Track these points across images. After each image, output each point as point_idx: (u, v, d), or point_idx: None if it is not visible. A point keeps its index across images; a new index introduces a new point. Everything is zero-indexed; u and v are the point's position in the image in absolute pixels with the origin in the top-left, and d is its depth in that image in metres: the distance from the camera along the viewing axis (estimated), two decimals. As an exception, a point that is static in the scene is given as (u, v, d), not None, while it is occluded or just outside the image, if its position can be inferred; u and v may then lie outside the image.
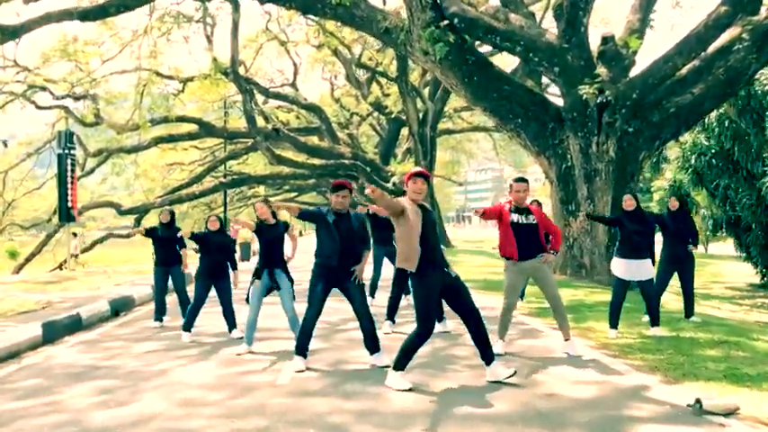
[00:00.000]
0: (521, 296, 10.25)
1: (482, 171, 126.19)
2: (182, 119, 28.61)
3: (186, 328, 8.02)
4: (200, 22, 27.25)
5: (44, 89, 25.85)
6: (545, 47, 13.63)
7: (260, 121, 28.40)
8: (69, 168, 21.40)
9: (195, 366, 6.43)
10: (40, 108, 26.86)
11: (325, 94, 39.87)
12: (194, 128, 29.46)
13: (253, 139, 27.85)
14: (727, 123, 17.72)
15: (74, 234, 28.08)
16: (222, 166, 34.67)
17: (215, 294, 8.03)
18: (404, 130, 34.00)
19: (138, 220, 30.88)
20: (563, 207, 13.92)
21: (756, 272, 19.39)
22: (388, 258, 9.72)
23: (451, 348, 6.81)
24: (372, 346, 6.11)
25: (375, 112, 36.59)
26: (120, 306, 10.92)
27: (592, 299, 10.22)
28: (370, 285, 10.59)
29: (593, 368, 5.68)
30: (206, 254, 8.08)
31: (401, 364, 5.29)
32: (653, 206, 26.10)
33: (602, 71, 13.36)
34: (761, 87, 16.30)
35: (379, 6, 16.35)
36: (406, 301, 9.36)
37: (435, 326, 7.92)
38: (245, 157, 40.39)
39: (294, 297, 7.03)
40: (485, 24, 13.81)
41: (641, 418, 4.30)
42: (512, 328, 7.68)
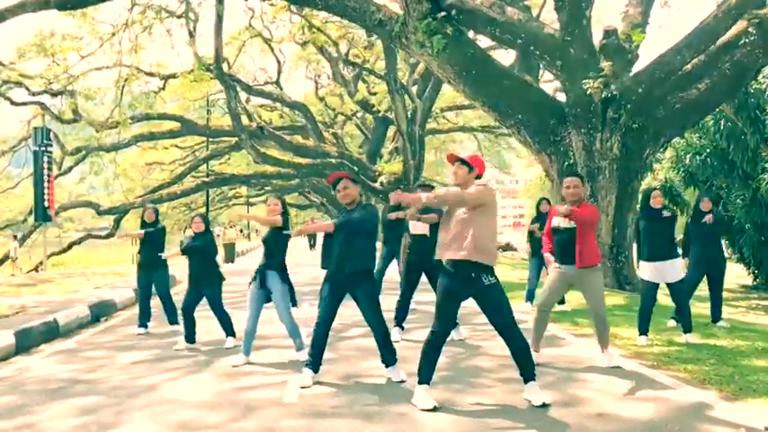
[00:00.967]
0: (529, 298, 9.71)
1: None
2: (163, 116, 27.78)
3: (189, 340, 7.35)
4: (182, 17, 26.49)
5: (20, 85, 24.89)
6: (547, 40, 13.11)
7: (243, 120, 27.67)
8: (46, 167, 20.58)
9: (188, 380, 5.77)
10: (15, 104, 25.87)
11: (310, 94, 39.17)
12: (176, 126, 28.63)
13: (237, 138, 27.08)
14: (722, 122, 17.42)
15: (15, 237, 27.19)
16: (204, 166, 33.82)
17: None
18: (390, 130, 33.40)
19: (118, 221, 30.01)
20: (564, 206, 13.40)
21: (749, 273, 19.12)
22: (396, 259, 9.01)
23: (473, 359, 6.22)
24: (388, 357, 5.49)
25: (360, 112, 35.99)
26: (101, 311, 10.19)
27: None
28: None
29: (636, 381, 5.10)
30: (191, 260, 7.40)
31: (424, 376, 4.68)
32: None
33: (605, 65, 12.87)
34: (758, 85, 15.99)
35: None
36: (413, 305, 8.79)
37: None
38: (226, 156, 39.60)
39: (295, 303, 6.38)
40: (484, 16, 13.27)
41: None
42: (530, 334, 7.13)
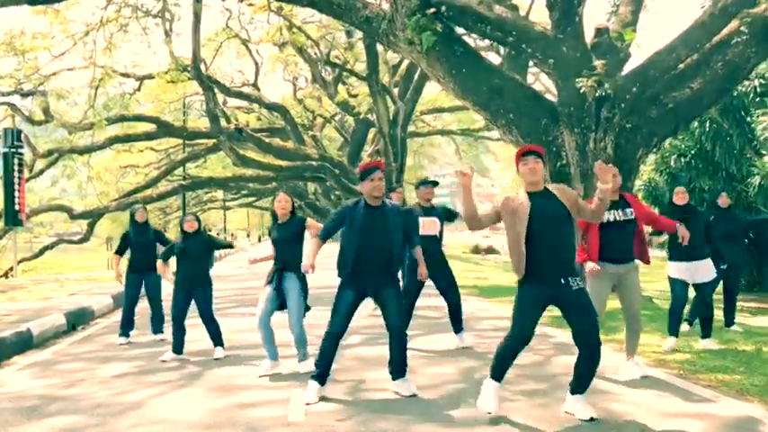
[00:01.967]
0: None
1: (442, 177, 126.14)
2: (140, 117, 27.07)
3: (178, 351, 6.82)
4: (158, 17, 25.87)
5: (-11, 84, 24.09)
6: (539, 37, 12.80)
7: (221, 122, 27.09)
8: (16, 169, 19.82)
9: (179, 396, 5.27)
10: (-17, 105, 25.05)
11: (287, 96, 38.68)
12: (152, 128, 27.92)
13: (215, 139, 26.51)
14: (708, 124, 17.34)
15: None
16: (179, 169, 33.12)
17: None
18: (371, 132, 33.02)
19: (92, 225, 29.19)
20: (557, 208, 13.12)
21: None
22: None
23: (486, 368, 5.79)
24: (399, 369, 5.05)
25: (339, 114, 35.57)
26: (78, 319, 9.62)
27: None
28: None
29: (671, 393, 4.73)
30: (181, 261, 6.89)
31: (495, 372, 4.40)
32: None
33: (598, 64, 12.62)
34: (743, 87, 15.91)
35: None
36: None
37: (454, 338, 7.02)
38: (201, 159, 38.95)
39: (308, 307, 5.93)
40: (474, 13, 12.93)
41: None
42: (543, 341, 6.77)
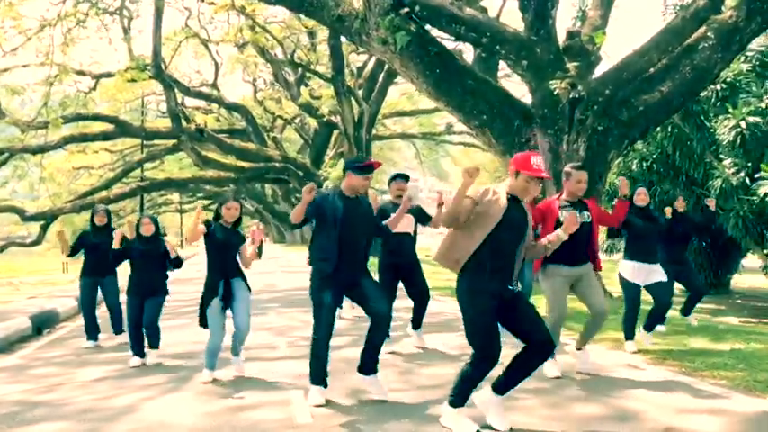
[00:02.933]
0: None
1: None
2: (97, 117, 26.31)
3: (137, 353, 6.50)
4: (116, 14, 25.23)
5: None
6: (513, 39, 12.85)
7: (181, 122, 26.56)
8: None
9: (170, 400, 5.02)
10: (-70, 102, 24.00)
11: (248, 97, 38.22)
12: (109, 127, 27.17)
13: (176, 140, 25.93)
14: (670, 129, 17.69)
15: None
16: (139, 170, 32.33)
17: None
18: (334, 134, 32.82)
19: (45, 228, 28.22)
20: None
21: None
22: None
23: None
24: (372, 364, 4.81)
25: (299, 116, 35.29)
26: (43, 322, 9.20)
27: (578, 306, 9.34)
28: None
29: (680, 390, 4.69)
30: (137, 265, 6.55)
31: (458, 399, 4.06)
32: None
33: (570, 66, 12.73)
34: (705, 92, 16.26)
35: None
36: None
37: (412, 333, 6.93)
38: (158, 161, 38.14)
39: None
40: (449, 13, 12.91)
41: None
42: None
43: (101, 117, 26.66)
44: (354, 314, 8.87)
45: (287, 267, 21.63)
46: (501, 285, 3.99)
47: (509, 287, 4.02)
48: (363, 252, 4.85)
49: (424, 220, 6.41)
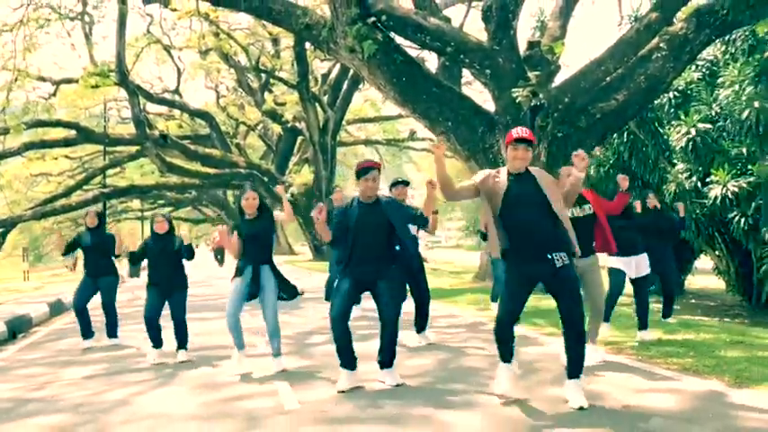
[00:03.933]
0: (495, 299, 9.71)
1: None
2: (60, 123, 26.03)
3: (156, 344, 6.70)
4: (77, 19, 25.05)
5: None
6: (476, 48, 13.31)
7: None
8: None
9: (162, 393, 5.25)
10: None
11: (210, 103, 38.13)
12: (70, 134, 26.89)
13: (140, 146, 25.81)
14: (626, 135, 18.36)
15: None
16: (99, 176, 31.98)
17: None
18: (299, 140, 32.97)
19: (4, 235, 27.75)
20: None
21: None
22: None
23: (460, 359, 6.04)
24: (387, 359, 5.19)
25: (262, 122, 35.35)
26: (17, 327, 9.26)
27: (545, 305, 9.79)
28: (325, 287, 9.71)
29: (638, 375, 5.12)
30: (156, 263, 6.78)
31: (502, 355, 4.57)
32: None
33: (532, 75, 13.22)
34: (659, 100, 16.95)
35: (295, 1, 15.50)
36: (360, 311, 8.57)
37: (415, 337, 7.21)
38: (117, 168, 37.74)
39: (301, 292, 6.04)
40: (414, 23, 13.32)
41: (763, 429, 3.76)
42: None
43: (63, 123, 26.37)
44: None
45: (293, 274, 21.85)
46: (532, 262, 4.35)
47: (545, 261, 4.33)
48: (381, 253, 5.12)
49: (423, 222, 6.76)
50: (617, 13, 16.84)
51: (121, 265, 7.92)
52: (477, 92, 25.15)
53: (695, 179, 14.86)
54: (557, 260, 4.33)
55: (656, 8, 12.68)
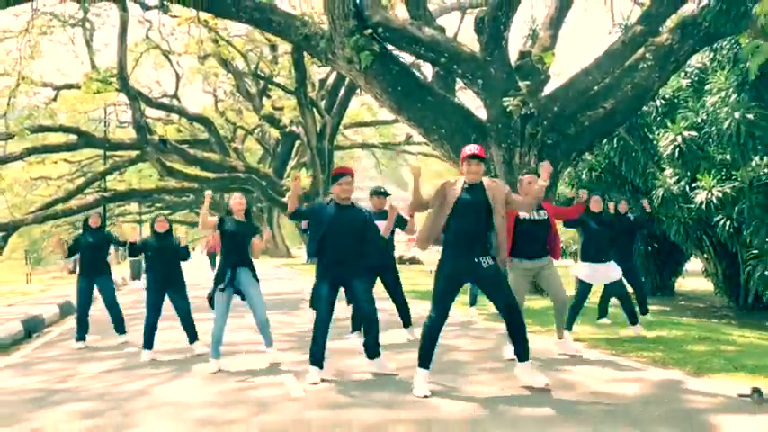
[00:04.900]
0: (473, 303, 10.22)
1: (359, 189, 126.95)
2: (62, 128, 26.48)
3: (147, 345, 7.17)
4: (77, 26, 25.51)
5: None
6: (469, 59, 13.79)
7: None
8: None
9: (178, 384, 5.75)
10: None
11: (208, 107, 38.62)
12: (72, 138, 27.34)
13: (140, 150, 26.27)
14: (616, 141, 18.86)
15: None
16: (98, 180, 32.42)
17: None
18: (296, 144, 33.44)
19: (5, 239, 28.16)
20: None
21: (638, 279, 20.63)
22: None
23: (447, 354, 6.54)
24: (373, 350, 5.71)
25: (259, 127, 35.80)
26: (32, 327, 9.74)
27: (535, 305, 10.31)
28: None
29: (609, 366, 5.66)
30: (155, 261, 7.27)
31: (424, 359, 5.02)
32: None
33: (522, 85, 13.70)
34: (648, 107, 17.46)
35: (295, 13, 15.98)
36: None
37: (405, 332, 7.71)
38: (116, 172, 38.14)
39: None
40: (409, 34, 13.79)
41: (708, 409, 4.29)
42: (490, 332, 7.59)
43: (65, 129, 26.82)
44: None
45: (280, 275, 22.37)
46: (466, 261, 4.90)
47: (476, 261, 4.91)
48: (353, 254, 5.64)
49: (402, 224, 7.29)
50: (606, 21, 17.32)
51: (122, 270, 8.44)
52: (472, 97, 25.63)
53: (683, 184, 15.33)
54: (483, 262, 4.92)
55: (640, 22, 13.21)
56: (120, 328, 8.47)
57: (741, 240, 14.28)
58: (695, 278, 18.83)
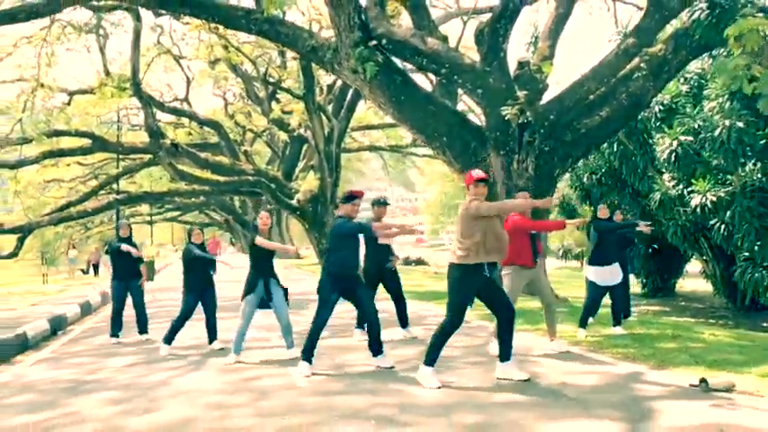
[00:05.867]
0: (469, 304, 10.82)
1: (369, 191, 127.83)
2: (78, 132, 27.25)
3: (168, 341, 7.85)
4: (91, 33, 26.24)
5: None
6: (468, 69, 14.35)
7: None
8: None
9: (195, 376, 6.41)
10: None
11: (217, 111, 39.30)
12: (86, 142, 28.09)
13: (153, 155, 26.98)
14: (616, 145, 19.35)
15: None
16: (110, 183, 33.16)
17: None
18: (304, 147, 34.03)
19: (22, 240, 28.93)
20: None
21: (638, 282, 21.11)
22: None
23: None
24: (376, 348, 6.36)
25: (268, 130, 36.42)
26: (57, 325, 10.41)
27: (528, 306, 10.86)
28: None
29: (582, 361, 6.27)
30: (192, 269, 8.01)
31: (431, 359, 5.61)
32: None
33: (520, 94, 14.26)
34: (647, 113, 17.96)
35: (302, 24, 16.60)
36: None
37: (401, 331, 8.32)
38: (128, 175, 38.87)
39: (288, 304, 7.16)
40: (412, 46, 14.37)
41: (659, 396, 4.88)
42: (482, 330, 8.18)
43: (81, 133, 27.57)
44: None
45: (290, 276, 23.03)
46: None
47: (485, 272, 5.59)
48: (357, 264, 6.50)
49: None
50: (608, 27, 17.78)
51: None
52: (473, 104, 26.16)
53: (681, 188, 15.78)
54: (488, 271, 5.61)
55: (633, 35, 13.75)
56: (144, 328, 9.15)
57: (733, 243, 14.75)
58: (695, 279, 19.29)
